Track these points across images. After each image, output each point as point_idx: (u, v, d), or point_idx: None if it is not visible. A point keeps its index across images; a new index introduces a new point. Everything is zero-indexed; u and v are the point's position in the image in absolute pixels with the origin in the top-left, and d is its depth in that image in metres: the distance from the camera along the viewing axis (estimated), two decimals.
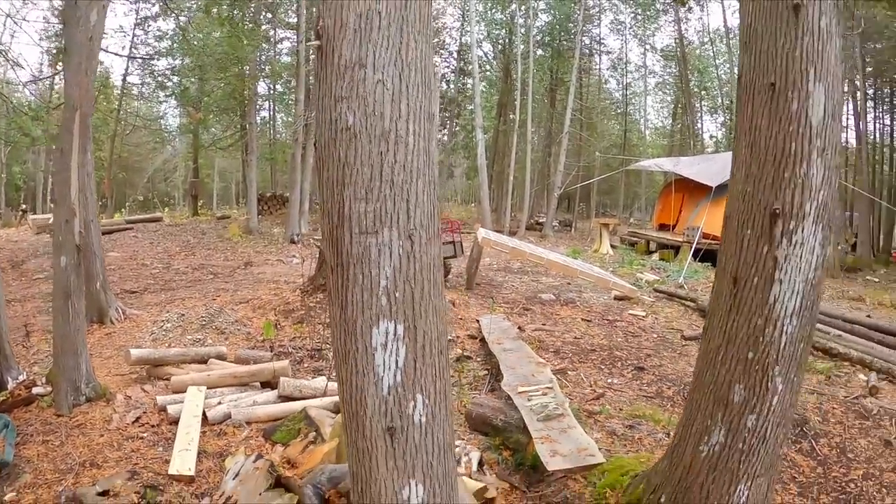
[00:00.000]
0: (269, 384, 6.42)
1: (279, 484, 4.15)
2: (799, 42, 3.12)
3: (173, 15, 20.61)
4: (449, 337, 4.43)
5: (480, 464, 5.01)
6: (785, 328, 3.23)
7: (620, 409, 6.13)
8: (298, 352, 7.72)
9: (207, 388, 6.00)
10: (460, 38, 32.73)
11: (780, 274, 3.20)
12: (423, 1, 2.44)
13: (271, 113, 31.54)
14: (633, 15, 35.17)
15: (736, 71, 3.55)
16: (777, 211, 3.18)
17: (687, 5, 31.57)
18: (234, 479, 4.32)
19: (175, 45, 22.21)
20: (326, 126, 2.40)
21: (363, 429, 2.53)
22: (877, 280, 19.34)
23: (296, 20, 21.80)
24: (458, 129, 31.97)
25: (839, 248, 22.01)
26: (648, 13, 33.91)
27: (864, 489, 4.82)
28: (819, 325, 9.46)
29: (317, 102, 2.48)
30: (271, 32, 23.69)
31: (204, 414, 5.56)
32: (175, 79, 22.72)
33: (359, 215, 2.39)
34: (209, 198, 37.84)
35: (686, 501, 3.57)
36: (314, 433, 5.19)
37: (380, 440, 2.52)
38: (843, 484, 4.89)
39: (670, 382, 6.95)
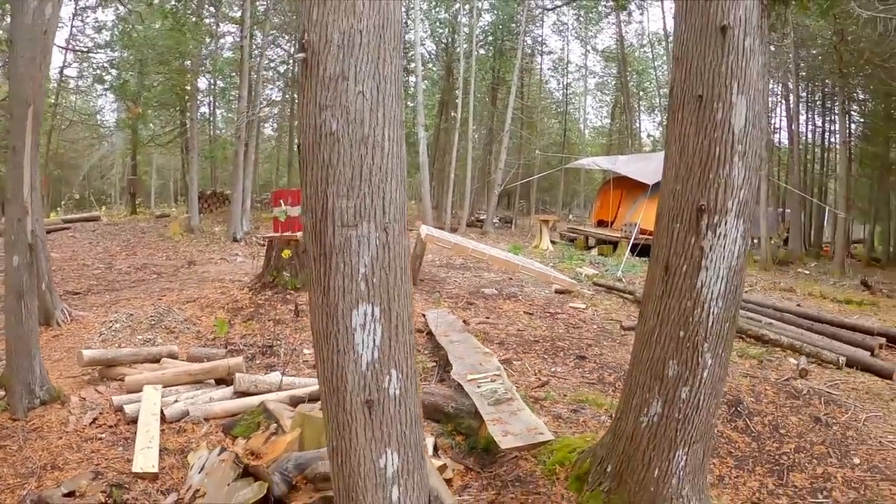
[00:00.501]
0: (223, 381, 6.56)
1: (247, 473, 4.30)
2: (725, 59, 3.60)
3: (113, 5, 20.26)
4: None
5: (435, 448, 5.32)
6: (712, 309, 3.72)
7: (564, 395, 6.52)
8: (250, 349, 7.86)
9: (163, 387, 6.10)
10: (403, 37, 32.98)
11: (706, 262, 3.69)
12: (397, 22, 2.80)
13: (212, 109, 31.23)
14: (575, 17, 36.17)
15: None
16: (703, 207, 3.67)
17: (626, 9, 32.61)
18: (199, 472, 4.48)
19: (115, 37, 21.82)
20: (311, 131, 2.73)
21: (343, 403, 2.85)
22: (807, 273, 20.44)
23: (240, 14, 21.62)
24: None
25: (772, 242, 23.10)
26: (591, 16, 34.95)
27: (797, 461, 5.34)
28: (752, 315, 10.16)
29: (300, 109, 2.81)
30: (214, 27, 23.44)
31: (161, 412, 5.66)
32: (114, 72, 22.32)
33: (341, 210, 2.73)
34: (147, 196, 37.13)
35: (630, 469, 4.02)
36: (275, 425, 5.37)
37: (359, 412, 2.84)
38: (777, 457, 5.40)
39: (611, 369, 7.42)
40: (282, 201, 10.19)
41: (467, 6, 27.96)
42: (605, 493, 4.16)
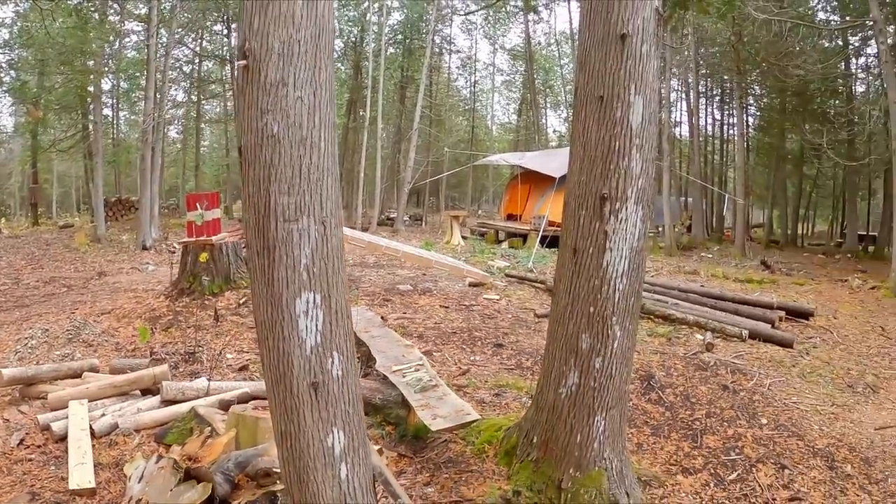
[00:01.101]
0: (149, 391, 6.54)
1: (189, 477, 4.34)
2: (624, 63, 4.09)
3: (12, 2, 19.41)
4: None
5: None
6: (617, 286, 4.20)
7: (486, 381, 6.88)
8: (172, 357, 7.85)
9: (88, 402, 6.02)
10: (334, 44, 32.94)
11: (610, 244, 4.18)
12: (331, 32, 3.09)
13: (115, 111, 30.28)
14: (484, 17, 37.02)
15: None
16: (605, 195, 4.16)
17: (535, 10, 33.63)
18: (139, 482, 4.47)
19: (14, 35, 20.88)
20: (252, 133, 2.97)
21: (291, 387, 3.08)
22: (710, 256, 21.69)
23: (146, 11, 20.97)
24: None
25: (676, 229, 24.29)
26: (500, 16, 35.79)
27: (709, 425, 5.88)
28: (659, 296, 10.86)
29: (240, 113, 3.04)
30: (119, 24, 22.66)
31: (90, 427, 5.59)
32: (13, 73, 21.36)
33: (282, 207, 2.98)
34: (48, 205, 35.59)
35: (554, 437, 4.44)
36: (209, 429, 5.35)
37: (305, 395, 3.08)
38: (690, 423, 5.93)
39: (528, 355, 7.86)
40: (198, 205, 10.16)
41: (377, 4, 28.18)
42: (534, 463, 4.55)
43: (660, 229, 24.62)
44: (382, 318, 9.16)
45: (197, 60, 29.89)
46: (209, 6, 25.11)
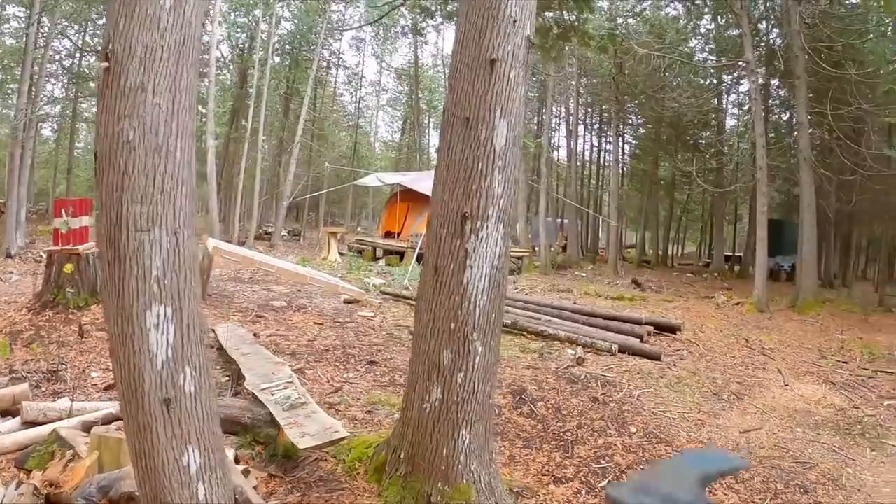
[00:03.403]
0: (8, 412, 6.16)
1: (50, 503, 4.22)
2: (491, 87, 4.23)
3: None
4: None
5: (236, 460, 5.42)
6: (478, 303, 4.32)
7: (358, 399, 6.90)
8: (34, 375, 7.38)
9: None
10: (201, 49, 32.17)
11: (470, 261, 4.30)
12: (197, 39, 3.05)
13: None
14: (374, 35, 37.44)
15: None
16: (467, 214, 4.28)
17: (423, 35, 34.33)
18: None
19: None
20: (108, 139, 2.88)
21: (142, 404, 2.98)
22: (584, 275, 22.59)
23: None
24: None
25: (551, 249, 25.12)
26: (389, 35, 36.24)
27: (580, 436, 6.13)
28: (532, 314, 11.23)
29: (98, 117, 2.95)
30: None
31: None
32: None
33: (135, 216, 2.90)
34: None
35: (421, 451, 4.49)
36: (71, 452, 5.17)
37: (157, 411, 2.99)
38: (561, 434, 6.15)
39: (401, 372, 7.89)
40: (63, 211, 9.65)
41: (268, 14, 27.81)
42: (403, 478, 4.59)
43: (536, 249, 25.37)
44: (255, 334, 9.03)
45: (78, 54, 28.44)
46: None
